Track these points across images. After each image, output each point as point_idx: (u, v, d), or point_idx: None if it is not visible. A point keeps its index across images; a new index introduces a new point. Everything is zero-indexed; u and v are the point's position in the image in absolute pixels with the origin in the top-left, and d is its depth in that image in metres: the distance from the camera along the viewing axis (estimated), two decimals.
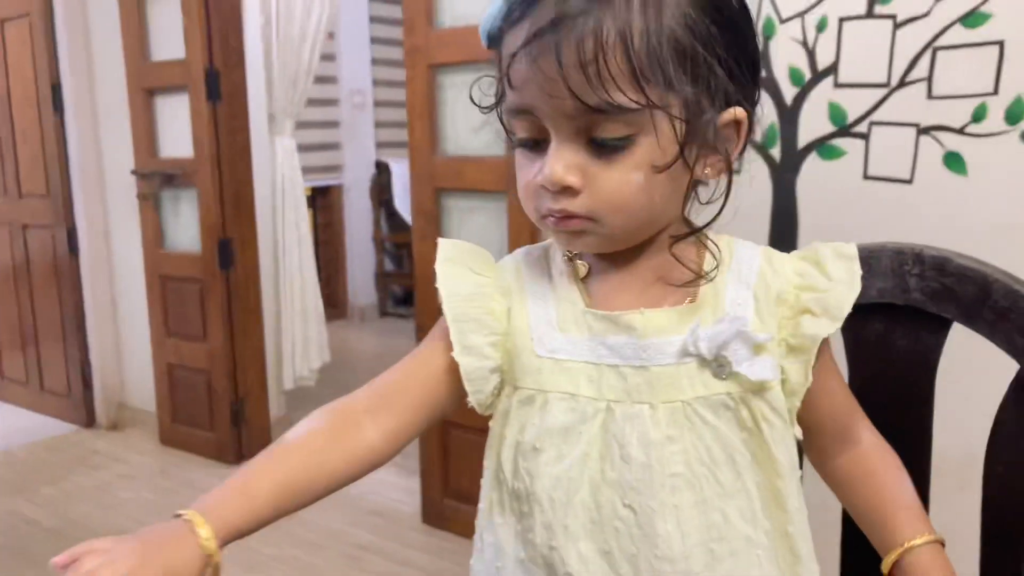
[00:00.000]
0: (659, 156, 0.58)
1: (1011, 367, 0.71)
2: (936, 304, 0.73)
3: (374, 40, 4.96)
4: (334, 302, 4.76)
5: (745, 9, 0.60)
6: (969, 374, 1.11)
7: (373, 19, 4.93)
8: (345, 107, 4.86)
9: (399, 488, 2.57)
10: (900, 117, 1.53)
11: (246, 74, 2.77)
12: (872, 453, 0.70)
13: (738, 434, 0.62)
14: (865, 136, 1.57)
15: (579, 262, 0.67)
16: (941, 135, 1.50)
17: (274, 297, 3.02)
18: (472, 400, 0.66)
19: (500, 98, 0.63)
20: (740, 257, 0.66)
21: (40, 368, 3.36)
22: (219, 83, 2.67)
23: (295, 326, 3.10)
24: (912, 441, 0.72)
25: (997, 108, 1.44)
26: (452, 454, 2.25)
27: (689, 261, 0.64)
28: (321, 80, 3.44)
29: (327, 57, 3.59)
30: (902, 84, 1.52)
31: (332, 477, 0.64)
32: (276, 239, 3.05)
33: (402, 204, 4.91)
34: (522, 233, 2.02)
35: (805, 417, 0.67)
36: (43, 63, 3.03)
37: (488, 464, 0.68)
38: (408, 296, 5.11)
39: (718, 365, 0.61)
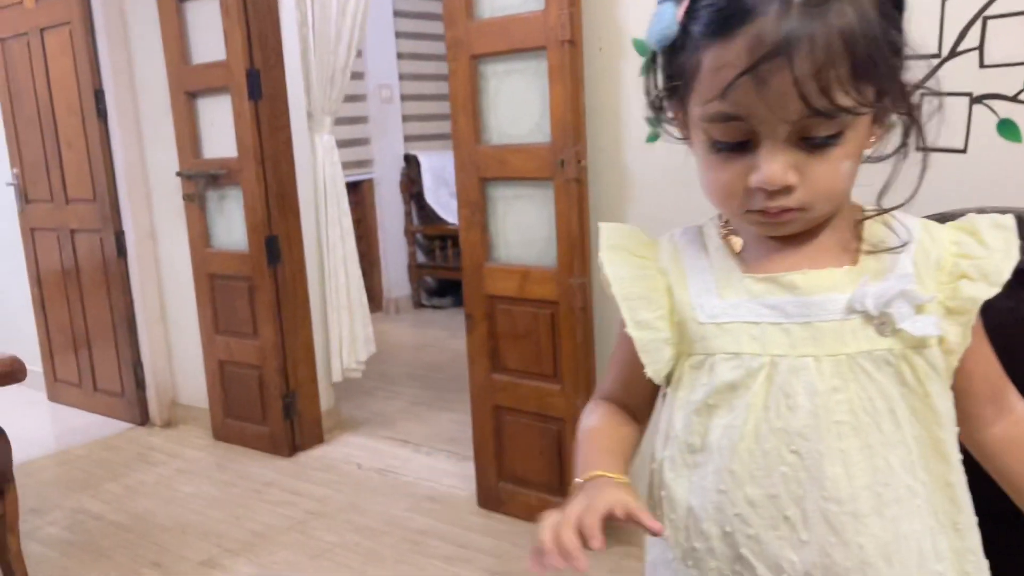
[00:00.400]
0: (863, 143, 0.63)
1: None
2: None
3: (399, 34, 4.99)
4: (369, 295, 4.77)
5: None
6: None
7: (397, 13, 4.96)
8: (373, 102, 4.90)
9: (452, 474, 2.61)
10: (952, 87, 1.54)
11: (285, 73, 2.81)
12: None
13: (898, 389, 0.65)
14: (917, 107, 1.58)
15: (734, 238, 0.71)
16: (994, 103, 1.51)
17: (320, 292, 3.07)
18: (649, 371, 0.71)
19: (662, 98, 0.68)
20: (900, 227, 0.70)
21: (93, 369, 3.44)
22: (260, 82, 2.72)
23: (341, 319, 3.15)
24: None
25: None
26: (505, 438, 2.29)
27: (855, 236, 0.69)
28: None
29: None
30: (953, 54, 1.53)
31: (633, 449, 0.78)
32: (320, 235, 3.10)
33: (432, 196, 4.96)
34: (571, 217, 2.05)
35: (960, 381, 0.69)
36: (85, 70, 3.08)
37: (660, 427, 0.73)
38: (441, 287, 5.15)
39: (881, 322, 0.64)
